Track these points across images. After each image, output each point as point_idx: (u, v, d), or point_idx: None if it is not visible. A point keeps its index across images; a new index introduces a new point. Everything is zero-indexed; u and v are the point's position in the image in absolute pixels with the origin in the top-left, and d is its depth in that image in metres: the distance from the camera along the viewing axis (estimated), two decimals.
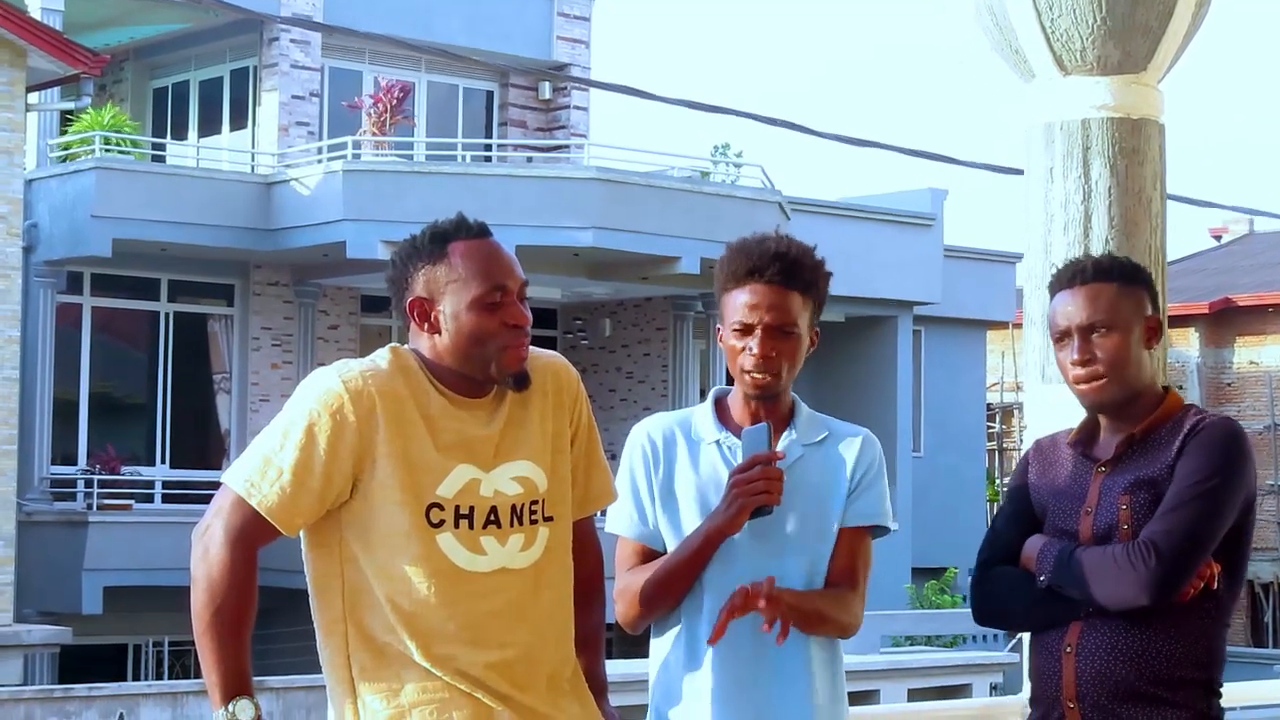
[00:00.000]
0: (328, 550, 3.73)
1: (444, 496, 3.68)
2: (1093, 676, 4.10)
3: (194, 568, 3.64)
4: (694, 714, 4.19)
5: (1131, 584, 4.02)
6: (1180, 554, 4.02)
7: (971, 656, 22.17)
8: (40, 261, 24.84)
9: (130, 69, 29.24)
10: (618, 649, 23.52)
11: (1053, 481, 4.29)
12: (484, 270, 3.76)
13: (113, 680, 21.62)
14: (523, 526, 3.76)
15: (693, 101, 13.62)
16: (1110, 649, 4.10)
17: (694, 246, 25.09)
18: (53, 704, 17.78)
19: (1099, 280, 4.23)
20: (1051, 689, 4.17)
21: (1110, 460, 4.21)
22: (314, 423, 3.65)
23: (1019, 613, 4.27)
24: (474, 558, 3.69)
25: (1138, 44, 5.15)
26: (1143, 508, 4.10)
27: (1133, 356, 4.20)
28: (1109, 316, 4.20)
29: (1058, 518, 4.23)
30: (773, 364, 4.19)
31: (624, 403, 29.03)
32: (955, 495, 32.00)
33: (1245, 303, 39.16)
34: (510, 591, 3.72)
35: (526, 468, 3.79)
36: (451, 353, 3.76)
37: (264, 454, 3.66)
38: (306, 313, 27.11)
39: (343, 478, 3.66)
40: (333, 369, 3.71)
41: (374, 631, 3.68)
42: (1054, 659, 4.16)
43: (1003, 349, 37.73)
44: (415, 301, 3.77)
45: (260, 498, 3.63)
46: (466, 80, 29.96)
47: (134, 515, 24.57)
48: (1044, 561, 4.16)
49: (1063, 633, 4.15)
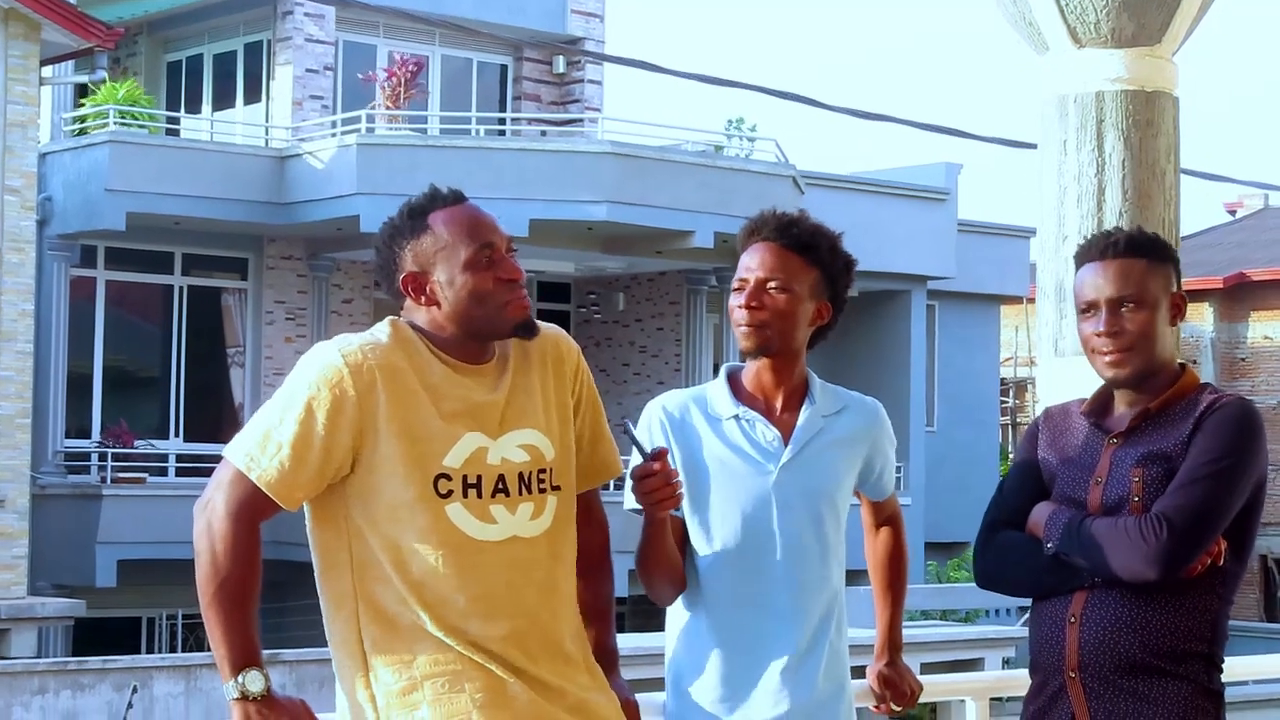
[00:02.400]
0: (333, 524, 3.73)
1: (451, 466, 3.68)
2: (1096, 646, 4.10)
3: (196, 541, 3.66)
4: (709, 685, 4.20)
5: (1142, 556, 4.02)
6: (1191, 530, 4.01)
7: (984, 631, 22.23)
8: (54, 235, 24.86)
9: (144, 42, 29.22)
10: (631, 622, 23.56)
11: (1063, 450, 4.27)
12: (469, 232, 3.77)
13: (126, 653, 21.66)
14: (531, 495, 3.76)
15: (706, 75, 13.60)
16: (1115, 620, 4.09)
17: (708, 221, 25.09)
18: (66, 676, 17.81)
19: (1131, 255, 4.21)
20: (1053, 658, 4.16)
21: (1123, 432, 4.19)
22: (313, 397, 3.65)
23: (1023, 578, 4.26)
24: (484, 527, 3.69)
25: (1152, 16, 5.13)
26: (1155, 481, 4.09)
27: (1158, 333, 4.19)
28: (1138, 292, 4.18)
29: (1066, 486, 4.22)
30: (758, 315, 4.19)
31: (637, 377, 29.04)
32: (969, 470, 31.97)
33: (1260, 277, 39.10)
34: (522, 561, 3.72)
35: (533, 436, 3.79)
36: (453, 319, 3.76)
37: (264, 428, 3.67)
38: (320, 286, 27.12)
39: (342, 452, 3.66)
40: (333, 343, 3.72)
41: (385, 603, 3.68)
42: (1057, 628, 4.16)
43: (1016, 323, 37.71)
44: (408, 277, 3.77)
45: (260, 472, 3.63)
46: (480, 54, 29.92)
47: (147, 489, 24.60)
48: (1052, 529, 4.15)
49: (1067, 602, 4.15)
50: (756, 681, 4.18)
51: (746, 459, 4.23)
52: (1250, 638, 30.51)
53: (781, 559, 4.20)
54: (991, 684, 5.53)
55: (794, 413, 4.27)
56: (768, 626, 4.20)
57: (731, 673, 4.19)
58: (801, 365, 4.31)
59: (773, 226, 4.24)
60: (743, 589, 4.20)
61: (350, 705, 3.74)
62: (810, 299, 4.24)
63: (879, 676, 4.52)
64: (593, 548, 3.99)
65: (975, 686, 5.35)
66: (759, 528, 4.20)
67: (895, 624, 4.56)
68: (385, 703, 3.68)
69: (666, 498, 3.99)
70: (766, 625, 4.20)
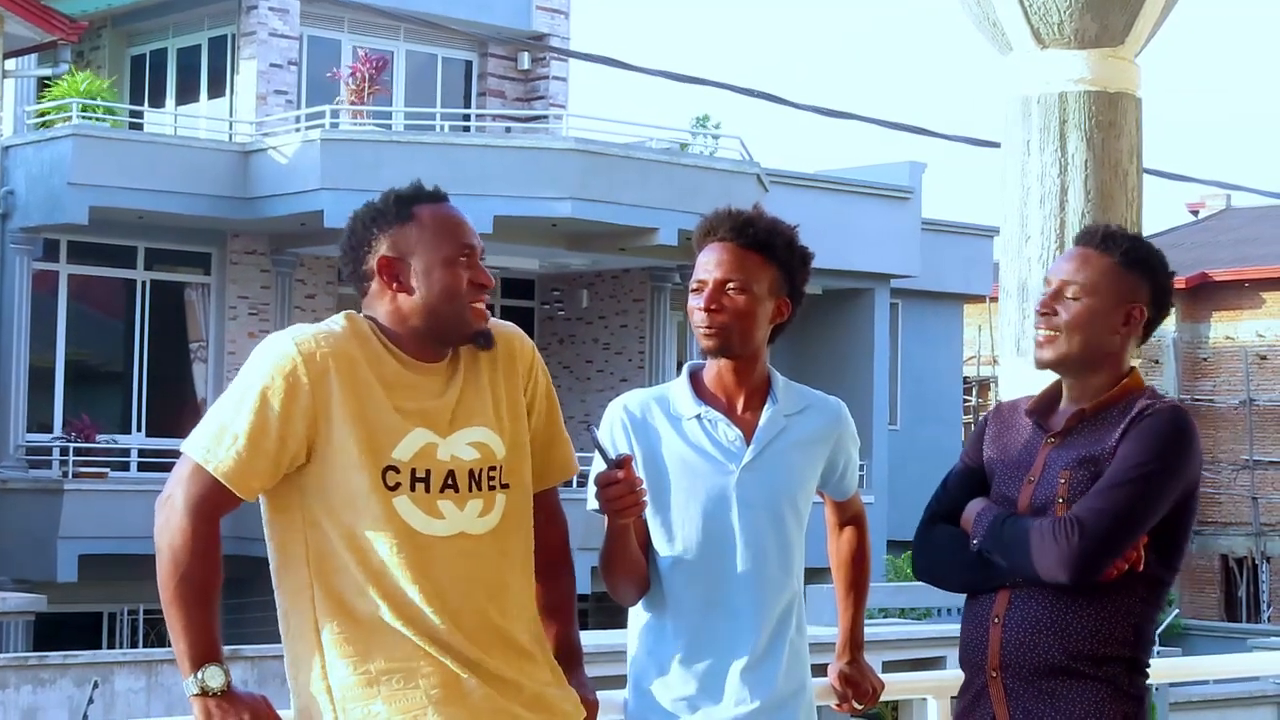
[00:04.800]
0: (288, 516, 3.74)
1: (399, 459, 3.69)
2: (1016, 647, 4.11)
3: (157, 537, 3.66)
4: (670, 684, 4.20)
5: (1054, 558, 4.02)
6: (1105, 534, 4.00)
7: (945, 629, 22.23)
8: (16, 228, 24.78)
9: (108, 36, 29.13)
10: (593, 620, 23.56)
11: (1004, 447, 4.29)
12: (453, 231, 3.82)
13: (87, 648, 21.57)
14: (481, 492, 3.77)
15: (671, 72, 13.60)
16: (1035, 621, 4.10)
17: (672, 218, 25.10)
18: (27, 671, 17.75)
19: (1101, 249, 4.21)
20: (978, 656, 4.18)
21: (1060, 432, 4.20)
22: (267, 386, 3.67)
23: (953, 575, 4.28)
24: (430, 521, 3.70)
25: (1115, 18, 5.15)
26: (1080, 484, 4.09)
27: (1095, 326, 4.16)
28: (1086, 284, 4.17)
29: (1002, 483, 4.23)
30: (717, 317, 4.19)
31: (600, 374, 29.03)
32: (931, 468, 31.84)
33: (1222, 278, 39.24)
34: (470, 557, 3.73)
35: (483, 434, 3.80)
36: (420, 310, 3.77)
37: (220, 420, 3.68)
38: (283, 282, 27.07)
39: (296, 440, 3.67)
40: (286, 333, 3.76)
41: (344, 593, 3.68)
42: (982, 627, 4.17)
43: (980, 322, 37.78)
44: (384, 260, 3.78)
45: (216, 463, 3.64)
46: (445, 50, 29.89)
47: (109, 483, 24.53)
48: (979, 526, 4.17)
49: (991, 601, 4.16)
50: (717, 681, 4.18)
51: (708, 459, 4.22)
52: (1210, 637, 30.62)
53: (742, 559, 4.20)
54: (953, 682, 5.52)
55: (756, 412, 4.27)
56: (728, 626, 4.20)
57: (692, 672, 4.20)
58: (763, 363, 4.31)
59: (729, 226, 4.24)
60: (703, 588, 4.20)
61: (305, 698, 3.73)
62: (770, 297, 4.24)
63: (840, 675, 4.53)
64: (552, 546, 4.00)
65: (936, 685, 5.36)
66: (720, 527, 4.20)
67: (857, 623, 4.57)
68: (341, 695, 3.68)
69: (629, 506, 3.99)
70: (727, 624, 4.20)
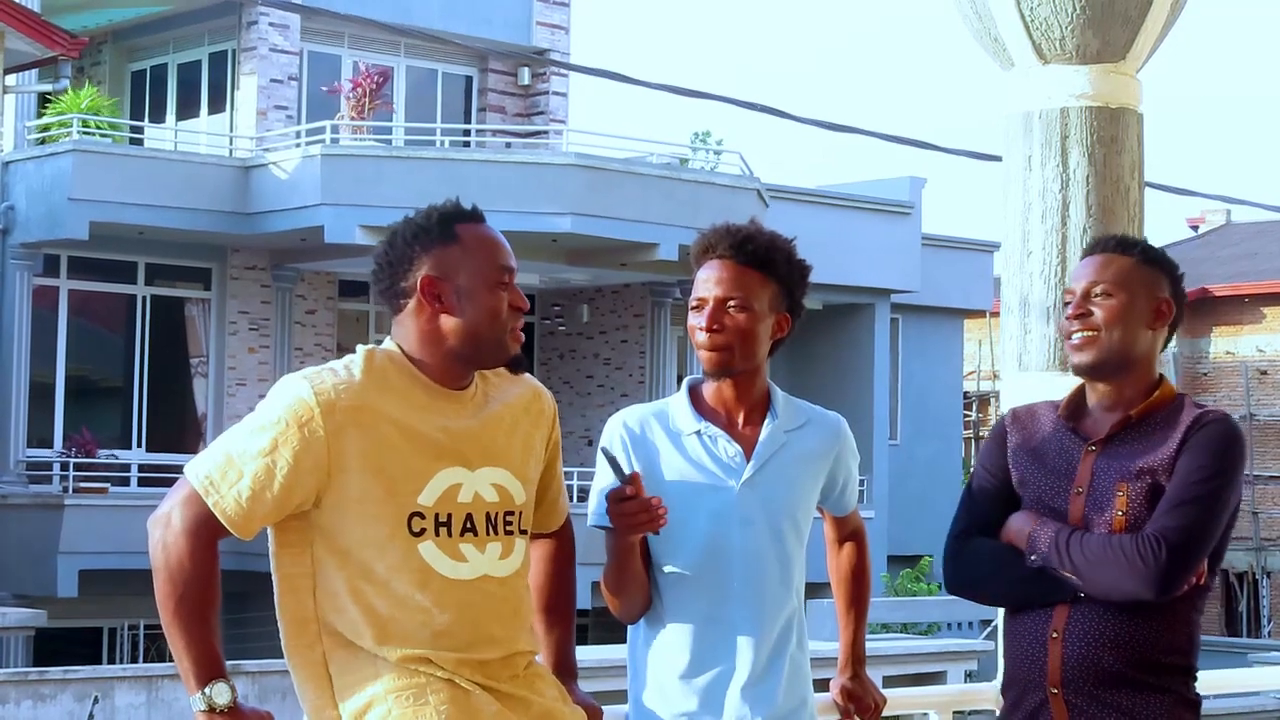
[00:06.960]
0: (297, 551, 3.71)
1: (425, 505, 3.68)
2: (1079, 662, 4.09)
3: (153, 556, 3.64)
4: (671, 699, 4.20)
5: (1139, 577, 4.00)
6: (1187, 550, 4.01)
7: (946, 644, 22.21)
8: (17, 244, 24.78)
9: (108, 51, 29.16)
10: (593, 635, 23.53)
11: (1036, 454, 4.25)
12: (495, 253, 3.79)
13: (88, 663, 21.55)
14: (498, 535, 3.77)
15: (672, 86, 13.58)
16: (1099, 635, 4.08)
17: (672, 233, 25.10)
18: (27, 686, 17.72)
19: (1118, 251, 4.23)
20: (1033, 674, 4.15)
21: (1102, 440, 4.17)
22: (281, 434, 3.62)
23: (1000, 589, 4.25)
24: (456, 565, 3.69)
25: (1117, 33, 5.15)
26: (1140, 497, 4.07)
27: (1131, 320, 4.17)
28: (1114, 281, 4.18)
29: (1044, 494, 4.19)
30: (719, 337, 4.17)
31: (601, 389, 29.03)
32: (932, 483, 32.01)
33: (1222, 293, 39.25)
34: (494, 598, 3.74)
35: (505, 476, 3.80)
36: (461, 332, 3.74)
37: (227, 452, 3.64)
38: (284, 297, 27.05)
39: (304, 491, 3.64)
40: (307, 378, 3.68)
41: (353, 626, 3.67)
42: (1038, 644, 4.14)
43: (980, 337, 37.79)
44: (427, 280, 3.73)
45: (216, 498, 3.61)
46: (446, 65, 29.91)
47: (110, 498, 24.53)
48: (1037, 542, 4.12)
49: (1048, 617, 4.13)
50: (718, 696, 4.17)
51: (708, 474, 4.21)
52: (1212, 652, 30.60)
53: (742, 574, 4.18)
54: (955, 697, 5.54)
55: (756, 427, 4.25)
56: (729, 641, 4.18)
57: (692, 687, 4.18)
58: (763, 379, 4.29)
59: (728, 243, 4.21)
60: (704, 604, 4.19)
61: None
62: (770, 313, 4.22)
63: (843, 690, 4.52)
64: (561, 557, 4.07)
65: (939, 700, 5.36)
66: (720, 543, 4.18)
67: (858, 638, 4.56)
68: (351, 716, 3.67)
69: (644, 523, 3.99)
70: (727, 640, 4.18)
